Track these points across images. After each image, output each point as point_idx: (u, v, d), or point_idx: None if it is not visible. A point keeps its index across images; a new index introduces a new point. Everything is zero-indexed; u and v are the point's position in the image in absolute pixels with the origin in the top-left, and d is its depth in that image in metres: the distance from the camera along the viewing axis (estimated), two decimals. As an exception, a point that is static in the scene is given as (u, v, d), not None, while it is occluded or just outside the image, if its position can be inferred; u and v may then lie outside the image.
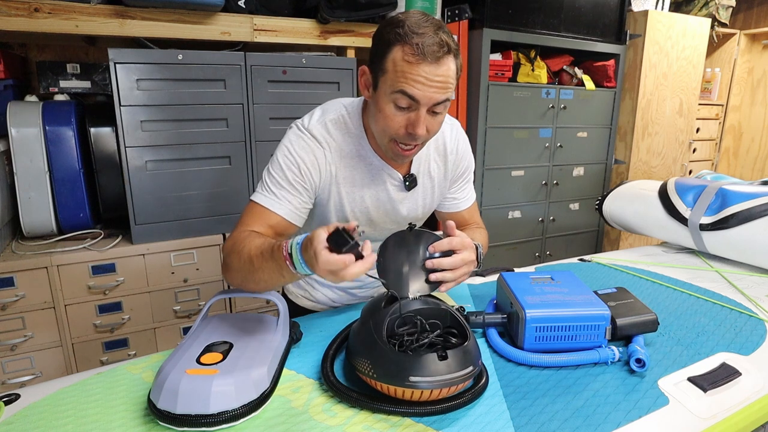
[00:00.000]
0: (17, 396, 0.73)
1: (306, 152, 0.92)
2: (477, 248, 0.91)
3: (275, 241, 0.78)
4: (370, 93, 0.89)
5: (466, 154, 1.09)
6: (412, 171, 1.02)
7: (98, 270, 1.60)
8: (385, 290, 0.85)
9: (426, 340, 0.77)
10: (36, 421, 0.68)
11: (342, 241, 0.66)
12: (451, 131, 1.06)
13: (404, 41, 0.78)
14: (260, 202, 0.91)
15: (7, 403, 0.72)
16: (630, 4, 2.67)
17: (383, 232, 1.03)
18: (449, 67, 0.81)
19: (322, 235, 0.68)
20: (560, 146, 2.60)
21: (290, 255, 0.72)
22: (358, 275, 0.68)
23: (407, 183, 1.01)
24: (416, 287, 0.85)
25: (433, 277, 0.85)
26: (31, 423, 0.67)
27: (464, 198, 1.14)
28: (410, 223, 0.88)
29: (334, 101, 1.00)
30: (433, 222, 2.48)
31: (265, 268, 0.77)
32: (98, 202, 1.72)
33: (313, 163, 0.92)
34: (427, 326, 0.80)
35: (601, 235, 2.96)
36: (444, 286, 0.86)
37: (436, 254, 0.85)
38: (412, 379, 0.68)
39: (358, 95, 1.99)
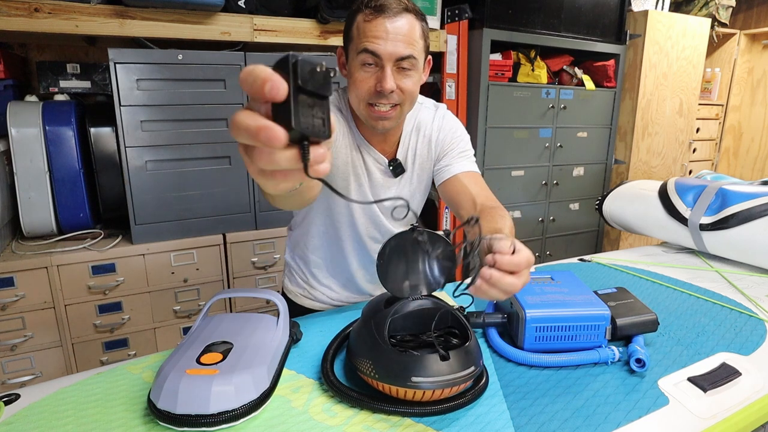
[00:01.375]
0: (17, 396, 0.73)
1: None
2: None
3: None
4: (346, 70, 0.93)
5: (451, 132, 1.05)
6: (398, 156, 1.03)
7: (98, 270, 1.60)
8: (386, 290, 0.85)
9: (430, 339, 0.77)
10: (36, 421, 0.68)
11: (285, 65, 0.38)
12: (436, 112, 1.07)
13: (365, 6, 0.85)
14: None
15: (7, 403, 0.72)
16: (630, 4, 2.67)
17: (373, 223, 1.05)
18: (410, 22, 0.85)
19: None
20: (560, 146, 2.60)
21: None
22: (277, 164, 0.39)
23: (392, 167, 1.01)
24: (417, 288, 0.85)
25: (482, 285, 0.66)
26: (31, 423, 0.67)
27: (454, 163, 1.03)
28: (412, 224, 0.88)
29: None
30: (433, 222, 2.48)
31: None
32: (98, 202, 1.72)
33: None
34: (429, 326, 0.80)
35: (601, 235, 2.96)
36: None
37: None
38: (414, 379, 0.68)
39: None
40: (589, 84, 2.62)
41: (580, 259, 1.42)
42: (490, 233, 0.80)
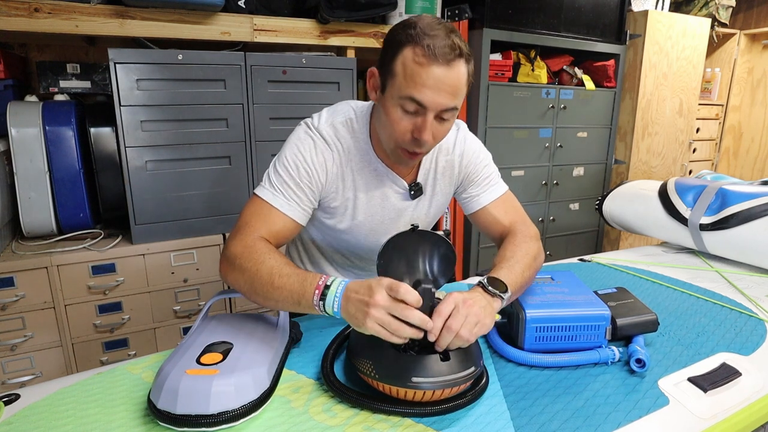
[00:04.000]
0: (17, 396, 0.73)
1: (314, 152, 0.91)
2: (485, 288, 0.79)
3: (304, 270, 0.78)
4: (377, 96, 0.87)
5: (474, 156, 1.04)
6: (419, 180, 1.00)
7: (98, 270, 1.60)
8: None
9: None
10: (36, 421, 0.68)
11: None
12: (458, 135, 1.03)
13: (415, 42, 0.77)
14: (267, 200, 0.89)
15: (7, 403, 0.72)
16: (630, 4, 2.67)
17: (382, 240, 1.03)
18: (460, 71, 0.79)
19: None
20: (560, 146, 2.60)
21: (326, 287, 0.72)
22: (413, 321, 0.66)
23: (412, 192, 0.98)
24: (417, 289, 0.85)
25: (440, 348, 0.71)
26: (31, 423, 0.67)
27: (482, 193, 1.04)
28: (412, 224, 0.88)
29: (343, 103, 0.99)
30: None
31: (285, 288, 0.75)
32: (98, 202, 1.71)
33: (321, 164, 0.91)
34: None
35: (601, 235, 2.96)
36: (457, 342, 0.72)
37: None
38: (415, 379, 0.68)
39: (358, 97, 1.99)
40: (589, 84, 2.62)
41: (580, 259, 1.42)
42: (495, 263, 0.89)
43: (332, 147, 0.92)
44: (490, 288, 0.79)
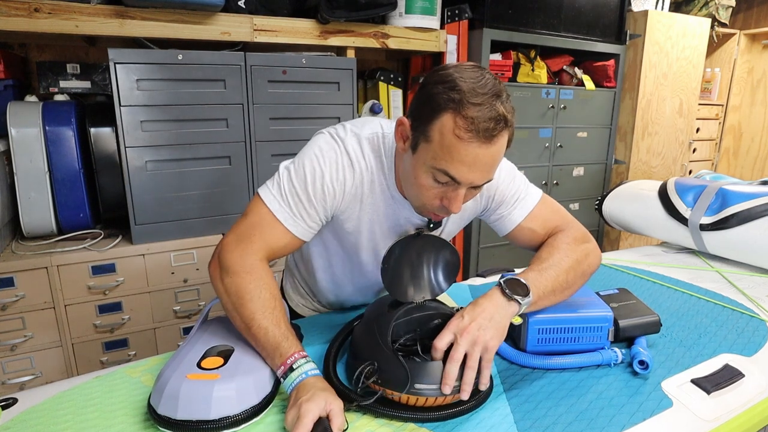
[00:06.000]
0: (15, 400, 0.73)
1: (335, 169, 0.82)
2: (503, 290, 0.77)
3: (286, 333, 0.74)
4: (405, 148, 0.78)
5: (495, 180, 0.87)
6: None
7: (98, 270, 1.59)
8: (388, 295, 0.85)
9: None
10: (34, 426, 0.67)
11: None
12: None
13: (457, 110, 0.68)
14: (273, 210, 0.82)
15: (4, 407, 0.71)
16: (630, 4, 2.67)
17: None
18: (501, 144, 0.71)
19: (322, 406, 0.64)
20: (560, 146, 2.60)
21: (291, 368, 0.70)
22: None
23: (431, 225, 0.91)
24: (421, 293, 0.85)
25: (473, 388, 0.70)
26: (29, 428, 0.67)
27: (512, 211, 0.95)
28: (417, 229, 0.87)
29: (371, 118, 0.91)
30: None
31: (259, 341, 0.74)
32: (98, 202, 1.71)
33: (341, 183, 0.83)
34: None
35: (601, 235, 2.96)
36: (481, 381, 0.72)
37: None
38: (418, 386, 0.67)
39: (358, 97, 1.98)
40: (589, 84, 2.62)
41: (581, 260, 1.42)
42: (529, 264, 0.87)
43: (355, 165, 0.83)
44: (507, 291, 0.76)
